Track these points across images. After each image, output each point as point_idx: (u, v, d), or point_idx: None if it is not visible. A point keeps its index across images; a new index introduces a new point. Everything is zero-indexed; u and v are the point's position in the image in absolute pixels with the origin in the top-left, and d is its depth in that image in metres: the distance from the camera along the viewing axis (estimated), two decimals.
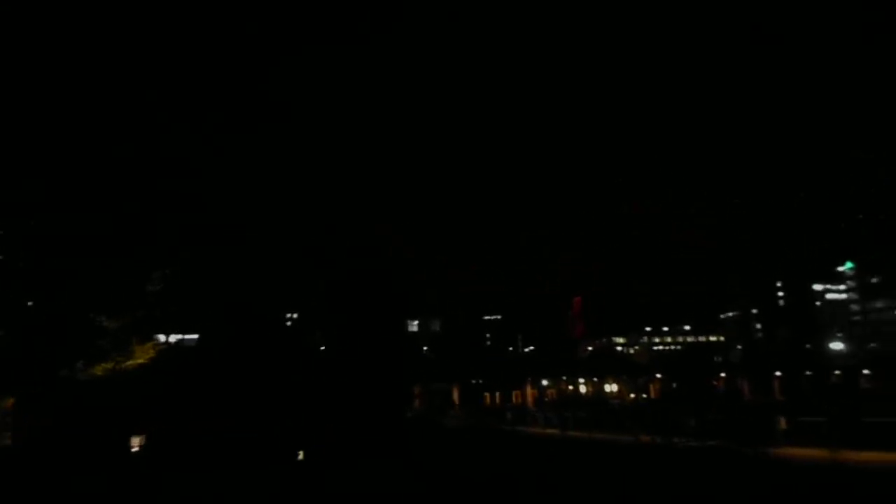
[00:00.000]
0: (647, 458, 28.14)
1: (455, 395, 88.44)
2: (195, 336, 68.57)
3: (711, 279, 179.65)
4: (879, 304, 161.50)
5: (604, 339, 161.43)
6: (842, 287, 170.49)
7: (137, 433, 32.09)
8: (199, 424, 36.61)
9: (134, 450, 31.69)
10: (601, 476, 23.46)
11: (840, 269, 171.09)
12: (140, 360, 27.88)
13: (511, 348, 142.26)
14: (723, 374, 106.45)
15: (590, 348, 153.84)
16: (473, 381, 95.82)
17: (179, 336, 67.79)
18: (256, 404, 45.43)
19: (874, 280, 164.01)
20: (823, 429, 27.03)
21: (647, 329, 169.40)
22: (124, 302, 26.47)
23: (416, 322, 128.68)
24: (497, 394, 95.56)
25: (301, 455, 35.24)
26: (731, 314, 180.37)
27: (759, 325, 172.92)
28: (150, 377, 29.59)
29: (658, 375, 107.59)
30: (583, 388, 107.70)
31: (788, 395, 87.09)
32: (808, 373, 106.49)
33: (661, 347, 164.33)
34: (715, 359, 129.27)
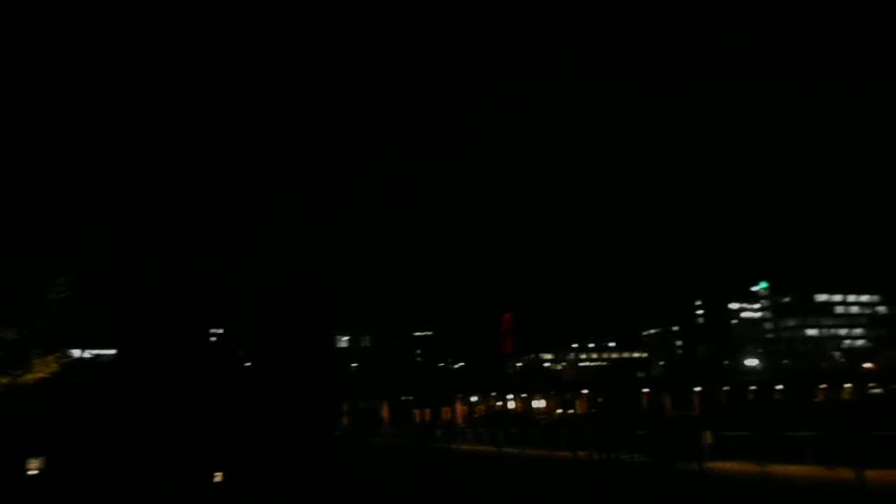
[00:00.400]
0: (582, 474, 27.97)
1: (384, 412, 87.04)
2: (112, 351, 64.95)
3: (634, 297, 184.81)
4: (791, 323, 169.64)
5: (532, 356, 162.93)
6: (756, 306, 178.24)
7: (36, 455, 29.35)
8: (109, 445, 34.24)
9: (31, 473, 28.99)
10: (540, 493, 23.05)
11: (754, 288, 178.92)
12: (40, 375, 25.55)
13: (441, 364, 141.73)
14: (646, 390, 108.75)
15: (519, 364, 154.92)
16: (403, 398, 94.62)
17: (96, 351, 64.16)
18: (175, 423, 43.05)
19: (786, 300, 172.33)
20: (749, 443, 27.41)
21: (574, 345, 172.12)
22: (21, 310, 24.33)
23: (346, 338, 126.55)
24: (427, 410, 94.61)
25: (219, 476, 33.41)
26: (653, 331, 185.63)
27: (679, 342, 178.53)
28: (52, 393, 27.23)
29: (584, 391, 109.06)
30: (511, 404, 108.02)
31: (708, 410, 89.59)
32: (725, 388, 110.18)
33: (587, 363, 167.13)
34: (638, 374, 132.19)
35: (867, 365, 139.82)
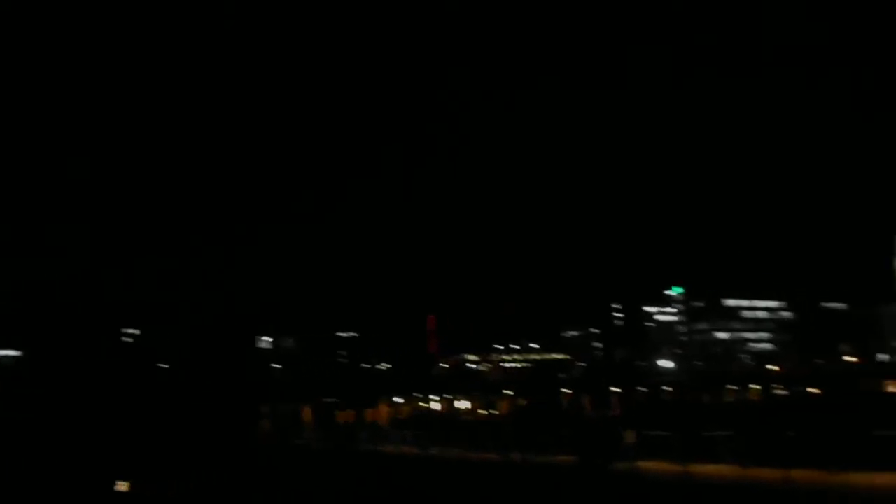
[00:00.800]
0: (508, 476, 28.13)
1: (306, 414, 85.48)
2: (16, 353, 61.10)
3: (557, 300, 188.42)
4: (703, 326, 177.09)
5: (457, 357, 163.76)
6: (671, 310, 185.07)
7: None
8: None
9: None
10: (467, 496, 23.00)
11: (669, 292, 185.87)
12: None
13: (366, 366, 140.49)
14: (567, 391, 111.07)
15: (444, 365, 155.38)
16: (326, 400, 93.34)
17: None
18: (82, 428, 40.75)
19: (699, 304, 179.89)
20: (668, 442, 28.22)
21: (498, 347, 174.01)
22: None
23: (268, 338, 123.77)
24: (350, 412, 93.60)
25: (124, 486, 31.52)
26: (574, 333, 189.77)
27: (599, 344, 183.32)
28: None
29: (508, 392, 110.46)
30: (436, 406, 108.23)
31: (626, 410, 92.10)
32: (642, 389, 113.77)
33: (511, 364, 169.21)
34: (560, 375, 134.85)
35: (773, 367, 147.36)
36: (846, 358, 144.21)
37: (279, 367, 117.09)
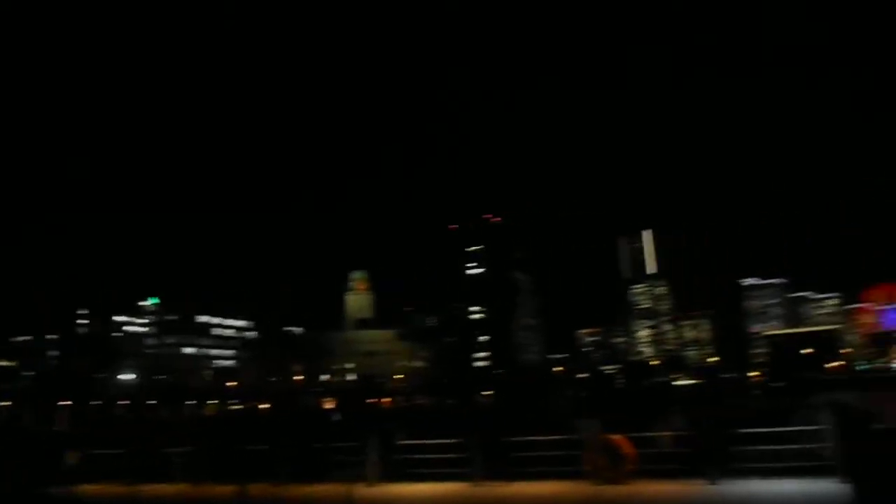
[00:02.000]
0: None
1: None
2: None
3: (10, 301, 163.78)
4: (172, 340, 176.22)
5: None
6: (142, 321, 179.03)
7: None
8: None
9: None
10: None
11: (142, 303, 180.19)
12: None
13: None
14: (6, 403, 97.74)
15: None
16: None
17: None
18: None
19: (171, 318, 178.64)
20: (120, 461, 27.10)
21: None
22: None
23: None
24: None
25: None
26: (26, 338, 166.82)
27: (55, 352, 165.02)
28: None
29: None
30: None
31: (76, 426, 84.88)
32: (98, 402, 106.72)
33: None
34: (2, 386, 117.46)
35: (232, 383, 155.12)
36: (295, 377, 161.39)
37: None
